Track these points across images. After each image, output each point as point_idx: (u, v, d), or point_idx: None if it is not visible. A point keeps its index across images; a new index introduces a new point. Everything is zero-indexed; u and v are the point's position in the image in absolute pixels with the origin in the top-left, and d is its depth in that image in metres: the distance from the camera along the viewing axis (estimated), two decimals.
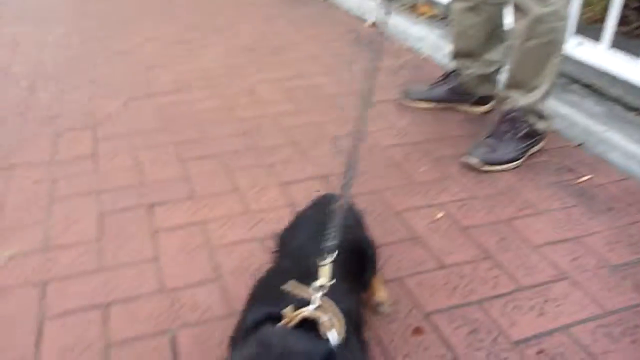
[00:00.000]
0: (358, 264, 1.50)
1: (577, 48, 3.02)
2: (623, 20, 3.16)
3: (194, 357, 1.53)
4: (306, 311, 1.11)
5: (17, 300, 1.72)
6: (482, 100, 2.93)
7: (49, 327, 1.63)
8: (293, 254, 1.48)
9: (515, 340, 1.58)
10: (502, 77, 2.75)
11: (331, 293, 1.17)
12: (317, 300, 1.13)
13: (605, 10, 2.99)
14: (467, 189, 2.29)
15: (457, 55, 2.91)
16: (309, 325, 1.09)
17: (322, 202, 1.64)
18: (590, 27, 3.28)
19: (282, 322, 1.09)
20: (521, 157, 2.47)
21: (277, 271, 1.43)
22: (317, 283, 1.17)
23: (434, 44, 3.69)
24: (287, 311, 1.11)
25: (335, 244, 1.23)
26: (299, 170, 2.42)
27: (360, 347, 1.26)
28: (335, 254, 1.23)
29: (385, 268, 1.82)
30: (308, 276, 1.20)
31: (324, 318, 1.10)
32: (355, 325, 1.25)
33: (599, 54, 2.94)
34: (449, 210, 2.15)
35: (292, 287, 1.21)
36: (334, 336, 1.06)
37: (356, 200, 2.07)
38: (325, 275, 1.19)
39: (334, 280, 1.19)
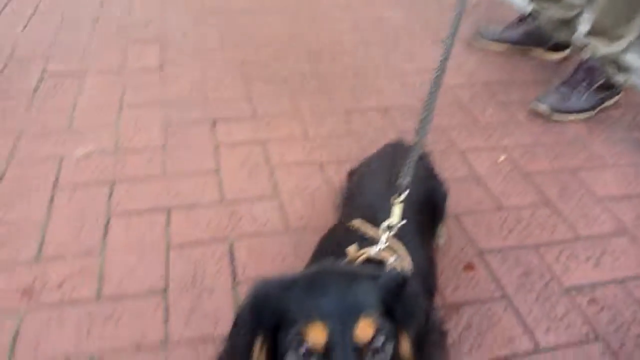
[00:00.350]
0: (430, 216, 1.44)
1: None
2: None
3: (250, 267, 1.59)
4: (372, 251, 1.04)
5: (86, 196, 1.81)
6: (558, 46, 2.80)
7: (115, 225, 1.72)
8: (362, 204, 1.37)
9: (568, 287, 1.57)
10: (583, 23, 2.61)
11: (406, 248, 1.09)
12: (384, 240, 1.07)
13: None
14: (533, 136, 2.23)
15: None
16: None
17: (390, 149, 1.58)
18: None
19: (345, 261, 1.03)
20: (593, 109, 2.37)
21: (346, 220, 1.33)
22: (387, 222, 1.10)
23: None
24: (351, 250, 1.05)
25: (409, 182, 1.16)
26: (360, 100, 2.40)
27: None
28: (406, 193, 1.15)
29: None
30: (376, 225, 1.13)
31: (390, 259, 1.03)
32: (427, 290, 1.19)
33: None
34: (512, 154, 2.10)
35: (359, 224, 1.15)
36: None
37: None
38: (396, 215, 1.12)
39: (404, 221, 1.12)
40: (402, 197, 1.15)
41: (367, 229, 1.15)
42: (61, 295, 1.48)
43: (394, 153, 1.54)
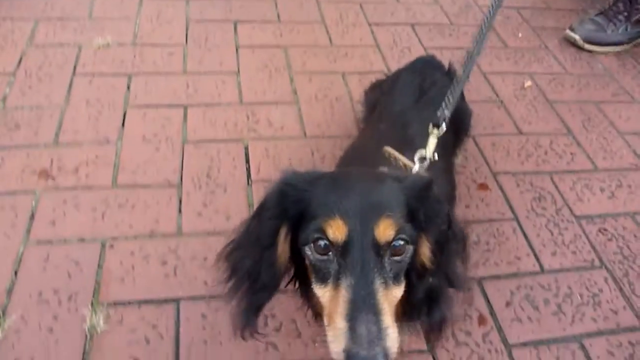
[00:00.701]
0: (454, 134, 1.39)
1: None
2: None
3: (264, 169, 1.59)
4: None
5: (104, 86, 1.80)
6: None
7: (131, 116, 1.71)
8: (390, 119, 1.34)
9: (579, 215, 1.57)
10: None
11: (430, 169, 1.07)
12: (417, 171, 1.05)
13: None
14: (561, 64, 2.16)
15: None
16: None
17: (421, 65, 1.52)
18: None
19: None
20: (628, 43, 2.29)
21: (373, 134, 1.33)
22: (421, 153, 1.07)
23: None
24: None
25: (449, 115, 1.13)
26: (389, 14, 2.32)
27: None
28: (445, 126, 1.12)
29: None
30: (406, 145, 1.12)
31: None
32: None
33: None
34: (539, 81, 2.05)
35: (391, 153, 1.12)
36: None
37: (444, 55, 2.01)
38: (431, 147, 1.10)
39: (436, 156, 1.09)
40: (440, 131, 1.12)
41: (399, 156, 1.11)
42: (77, 180, 1.50)
43: (424, 70, 1.48)
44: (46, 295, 1.23)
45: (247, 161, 1.60)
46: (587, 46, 2.24)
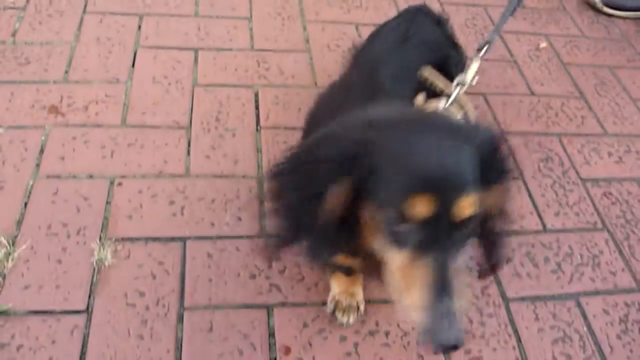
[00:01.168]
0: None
1: None
2: None
3: (274, 116, 1.59)
4: (440, 104, 0.98)
5: (115, 25, 1.78)
6: None
7: (142, 56, 1.70)
8: (365, 65, 1.25)
9: (585, 178, 1.58)
10: None
11: None
12: (455, 94, 1.00)
13: None
14: (579, 27, 2.12)
15: None
16: None
17: (409, 15, 1.41)
18: None
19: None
20: None
21: (343, 83, 1.26)
22: (461, 77, 1.03)
23: None
24: (419, 99, 0.97)
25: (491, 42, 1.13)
26: None
27: None
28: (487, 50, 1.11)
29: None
30: (376, 90, 1.07)
31: (457, 115, 0.97)
32: None
33: None
34: (554, 42, 2.02)
35: (428, 73, 1.06)
36: None
37: (459, 11, 1.98)
38: (471, 71, 1.05)
39: (477, 78, 1.05)
40: (483, 52, 1.13)
41: (437, 80, 1.07)
42: (86, 117, 1.50)
43: (412, 18, 1.37)
44: (55, 228, 1.25)
45: (257, 107, 1.60)
46: (606, 9, 2.20)
